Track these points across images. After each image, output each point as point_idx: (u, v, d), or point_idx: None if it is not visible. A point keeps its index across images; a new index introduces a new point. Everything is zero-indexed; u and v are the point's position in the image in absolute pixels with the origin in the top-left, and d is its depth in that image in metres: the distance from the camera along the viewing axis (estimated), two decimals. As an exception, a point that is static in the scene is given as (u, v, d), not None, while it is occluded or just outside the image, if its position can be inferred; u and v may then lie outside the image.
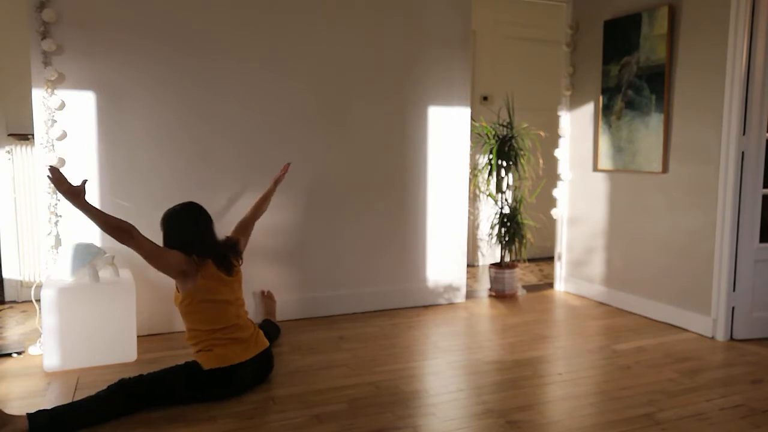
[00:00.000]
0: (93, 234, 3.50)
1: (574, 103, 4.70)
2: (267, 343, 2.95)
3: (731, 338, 3.61)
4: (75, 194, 2.60)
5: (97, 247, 3.28)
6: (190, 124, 3.68)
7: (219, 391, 2.72)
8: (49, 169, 2.60)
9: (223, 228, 3.78)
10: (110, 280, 3.22)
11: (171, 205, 2.91)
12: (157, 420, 2.53)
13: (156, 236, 3.58)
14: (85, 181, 2.67)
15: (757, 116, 3.46)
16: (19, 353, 3.28)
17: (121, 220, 2.69)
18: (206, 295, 2.77)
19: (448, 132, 4.34)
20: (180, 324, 3.58)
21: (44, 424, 2.36)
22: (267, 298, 3.88)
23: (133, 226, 2.69)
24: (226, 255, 2.88)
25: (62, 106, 3.39)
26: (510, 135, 4.66)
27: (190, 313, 2.79)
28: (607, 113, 4.34)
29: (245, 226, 3.27)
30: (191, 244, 2.79)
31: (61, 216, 3.41)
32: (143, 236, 2.70)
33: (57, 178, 2.59)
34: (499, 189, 4.70)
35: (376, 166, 4.17)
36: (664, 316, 3.96)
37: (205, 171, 3.73)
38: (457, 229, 4.44)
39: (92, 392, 2.59)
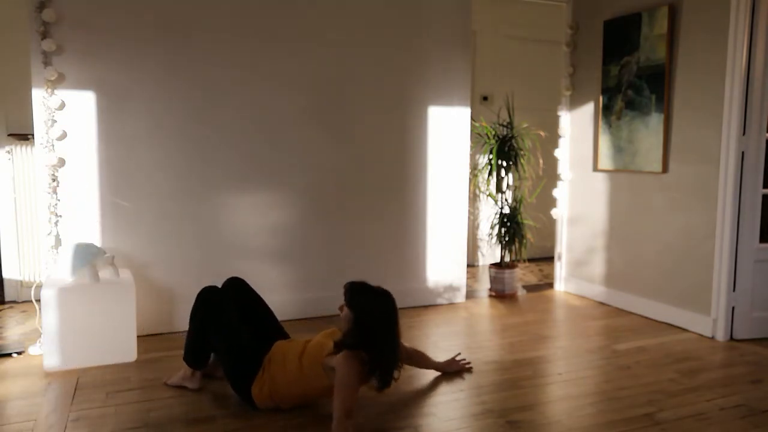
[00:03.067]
0: (93, 234, 3.51)
1: (574, 103, 4.70)
2: None
3: (731, 338, 3.60)
4: None
5: (97, 247, 3.28)
6: (190, 124, 3.68)
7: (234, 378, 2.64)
8: None
9: (233, 229, 3.80)
10: (110, 280, 3.21)
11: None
12: (158, 419, 2.53)
13: (156, 236, 3.62)
14: None
15: (757, 116, 3.46)
16: (19, 353, 3.28)
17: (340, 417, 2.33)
18: None
19: (448, 132, 4.34)
20: (180, 324, 3.59)
21: (185, 357, 2.84)
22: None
23: (345, 414, 2.33)
24: (392, 372, 2.53)
25: (62, 106, 3.38)
26: (510, 135, 4.66)
27: (307, 384, 2.53)
28: (607, 113, 4.34)
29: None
30: (387, 365, 2.49)
31: (61, 216, 3.41)
32: (347, 402, 2.35)
33: None
34: (499, 189, 4.70)
35: (375, 166, 4.17)
36: (664, 316, 3.96)
37: (205, 170, 3.72)
38: (457, 229, 4.44)
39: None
